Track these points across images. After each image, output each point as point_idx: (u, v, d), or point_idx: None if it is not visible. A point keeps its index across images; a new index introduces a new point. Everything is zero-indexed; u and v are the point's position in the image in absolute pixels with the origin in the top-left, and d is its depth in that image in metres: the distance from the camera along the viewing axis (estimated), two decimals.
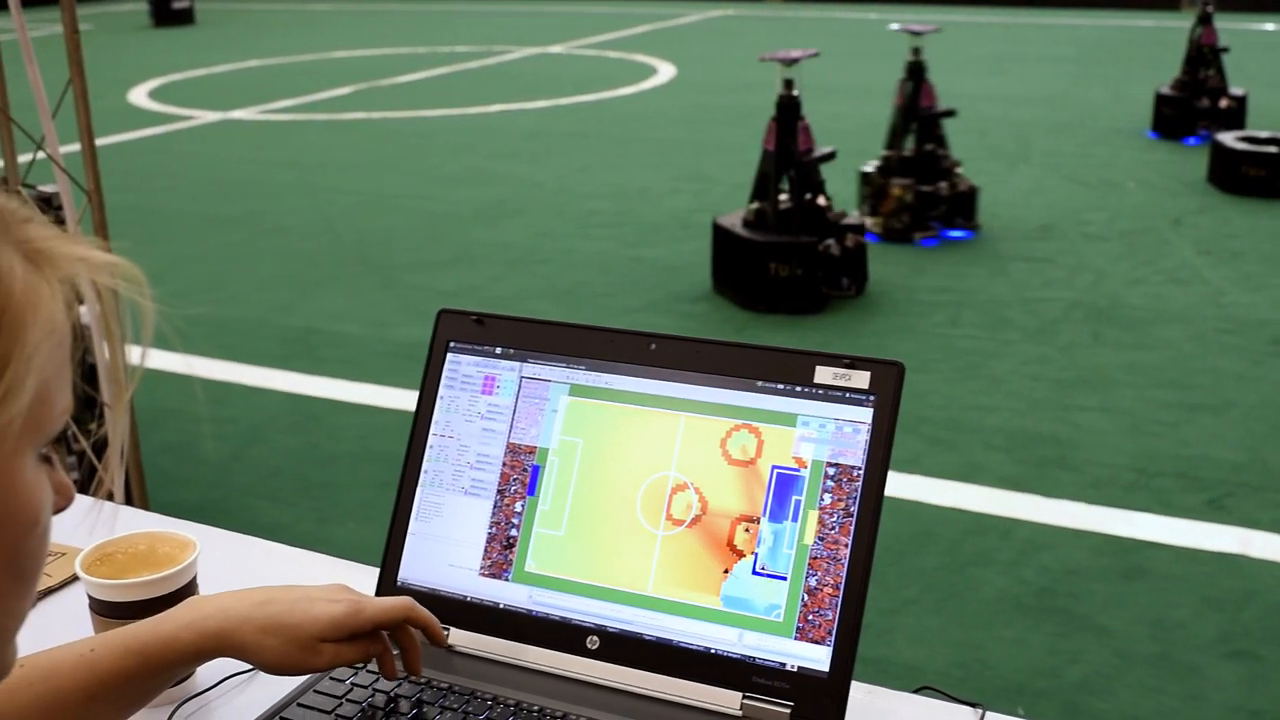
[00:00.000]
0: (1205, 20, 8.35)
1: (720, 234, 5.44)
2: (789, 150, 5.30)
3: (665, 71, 12.00)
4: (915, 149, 6.24)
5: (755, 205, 5.37)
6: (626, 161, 8.18)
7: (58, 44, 3.15)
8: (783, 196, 5.33)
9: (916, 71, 6.25)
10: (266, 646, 1.09)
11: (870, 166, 6.29)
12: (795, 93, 5.32)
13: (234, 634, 1.08)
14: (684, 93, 10.84)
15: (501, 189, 7.47)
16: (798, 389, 1.19)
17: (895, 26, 6.53)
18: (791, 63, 5.33)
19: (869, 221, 6.10)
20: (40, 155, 2.90)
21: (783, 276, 5.17)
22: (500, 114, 10.06)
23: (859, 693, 1.18)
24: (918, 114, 6.22)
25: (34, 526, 0.70)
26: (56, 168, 2.88)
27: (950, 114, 6.30)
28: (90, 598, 1.23)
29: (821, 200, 5.36)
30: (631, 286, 5.59)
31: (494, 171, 7.98)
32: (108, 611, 1.21)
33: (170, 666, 1.08)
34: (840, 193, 6.50)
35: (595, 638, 1.20)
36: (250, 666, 1.26)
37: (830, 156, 5.41)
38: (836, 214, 5.38)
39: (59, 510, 0.73)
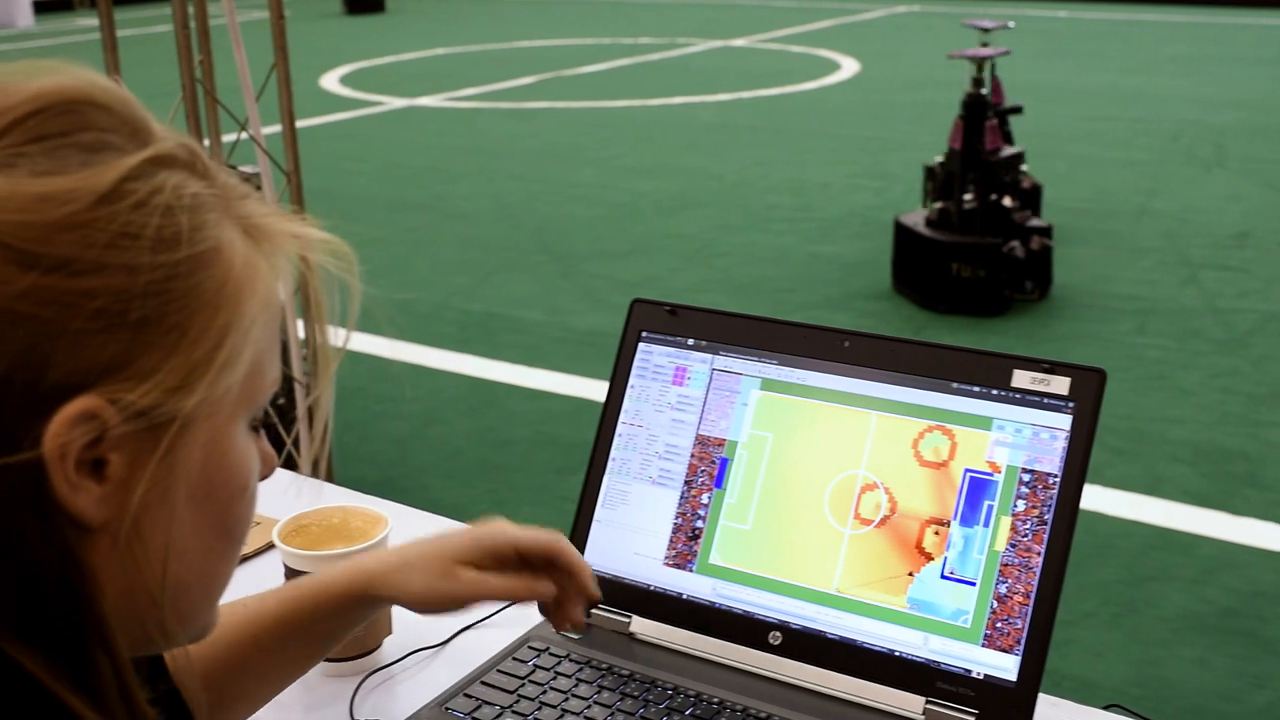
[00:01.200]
0: None
1: (902, 232, 5.37)
2: (975, 149, 5.21)
3: (849, 67, 11.88)
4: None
5: (939, 204, 5.29)
6: (807, 156, 8.12)
7: (256, 30, 3.25)
8: (967, 196, 5.24)
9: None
10: (410, 580, 1.06)
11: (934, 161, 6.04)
12: (983, 91, 5.22)
13: (380, 572, 1.07)
14: (867, 89, 10.72)
15: (681, 181, 7.49)
16: (994, 392, 1.17)
17: (967, 22, 6.18)
18: (982, 61, 5.24)
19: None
20: (243, 136, 3.00)
21: (965, 277, 5.09)
22: (681, 106, 10.08)
23: (1042, 704, 1.16)
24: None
25: (243, 492, 0.72)
26: (259, 149, 2.98)
27: (1017, 110, 5.88)
28: (286, 567, 1.26)
29: (1007, 201, 5.26)
30: (810, 282, 5.56)
31: (674, 163, 8.00)
32: None
33: (326, 612, 1.07)
34: None
35: (778, 633, 1.20)
36: (435, 643, 1.29)
37: (1018, 157, 5.30)
38: (1022, 215, 5.27)
39: (263, 478, 0.76)
